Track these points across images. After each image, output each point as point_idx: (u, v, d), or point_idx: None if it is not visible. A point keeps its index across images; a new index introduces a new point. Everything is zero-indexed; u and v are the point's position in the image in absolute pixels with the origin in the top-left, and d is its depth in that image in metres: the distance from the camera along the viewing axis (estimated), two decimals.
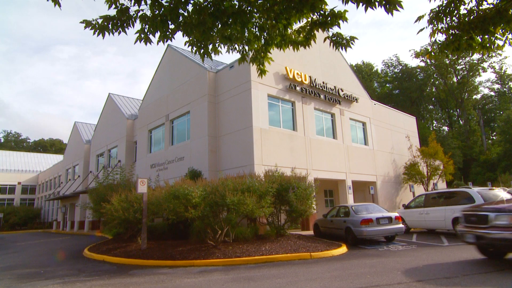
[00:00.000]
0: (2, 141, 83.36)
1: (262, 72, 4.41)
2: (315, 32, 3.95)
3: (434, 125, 58.64)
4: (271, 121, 17.72)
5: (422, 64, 52.66)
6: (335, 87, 21.68)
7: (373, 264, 8.45)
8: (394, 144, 26.67)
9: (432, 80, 54.25)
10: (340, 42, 3.93)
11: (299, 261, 9.67)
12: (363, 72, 57.26)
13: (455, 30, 4.22)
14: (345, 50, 4.00)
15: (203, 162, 18.04)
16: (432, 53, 4.80)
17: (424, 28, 4.07)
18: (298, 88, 19.22)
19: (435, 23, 4.21)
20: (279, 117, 18.43)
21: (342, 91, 22.16)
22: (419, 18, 4.29)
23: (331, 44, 4.02)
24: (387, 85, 57.24)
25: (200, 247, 11.31)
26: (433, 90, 55.85)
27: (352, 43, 3.97)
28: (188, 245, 11.96)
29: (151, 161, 23.11)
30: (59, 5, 3.30)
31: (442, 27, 4.26)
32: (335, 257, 10.06)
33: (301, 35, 4.05)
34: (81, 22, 3.43)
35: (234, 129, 17.54)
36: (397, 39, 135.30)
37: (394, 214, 12.48)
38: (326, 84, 21.03)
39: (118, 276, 8.73)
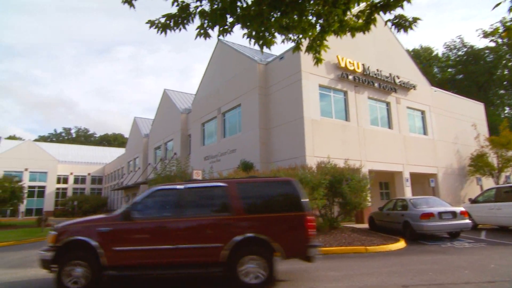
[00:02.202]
0: (74, 136, 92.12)
1: (318, 60, 4.31)
2: (376, 15, 3.75)
3: (506, 111, 52.94)
4: (323, 112, 17.34)
5: (492, 44, 47.59)
6: (390, 74, 20.55)
7: (436, 261, 7.95)
8: (458, 134, 24.63)
9: (504, 61, 48.84)
10: (403, 24, 3.68)
11: (353, 255, 9.43)
12: (422, 57, 53.42)
13: None
14: (407, 33, 3.75)
15: (255, 154, 18.27)
16: None
17: (501, 2, 3.65)
18: (350, 77, 18.53)
19: None
20: (331, 107, 17.97)
21: (398, 78, 20.93)
22: None
23: (392, 27, 3.78)
24: (449, 70, 52.80)
25: None
26: (505, 72, 50.28)
27: (415, 25, 3.69)
28: None
29: (204, 154, 23.96)
30: (133, 6, 3.54)
31: None
32: (392, 252, 9.64)
33: (360, 20, 3.87)
34: (146, 23, 3.64)
35: (285, 120, 17.48)
36: (459, 19, 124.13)
37: (459, 209, 11.59)
38: (380, 71, 20.00)
39: None
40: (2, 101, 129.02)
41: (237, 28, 3.58)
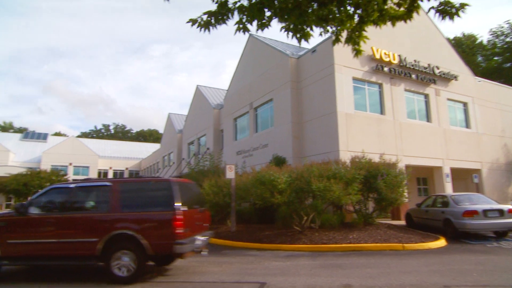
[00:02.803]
0: (112, 132, 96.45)
1: (358, 52, 4.18)
2: (418, 2, 3.55)
3: None
4: (357, 105, 16.89)
5: None
6: (429, 65, 19.57)
7: (480, 262, 7.54)
8: (506, 126, 23.05)
9: None
10: (448, 11, 3.45)
11: (390, 252, 9.17)
12: (464, 46, 50.31)
13: None
14: (453, 20, 3.51)
15: (287, 149, 18.19)
16: None
17: None
18: (386, 69, 17.87)
19: None
20: (365, 100, 17.44)
21: (438, 68, 19.89)
22: None
23: (437, 14, 3.57)
24: (495, 58, 49.35)
25: (286, 232, 11.52)
26: None
27: (462, 11, 3.45)
28: (275, 230, 12.29)
29: (237, 148, 24.20)
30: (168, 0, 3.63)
31: None
32: (432, 250, 9.26)
33: (402, 8, 3.69)
34: (187, 22, 3.72)
35: (318, 114, 17.22)
36: (506, 2, 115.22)
37: (507, 207, 10.89)
38: (418, 62, 19.10)
39: (212, 255, 9.42)
40: (48, 100, 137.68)
41: (275, 22, 3.56)
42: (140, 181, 7.13)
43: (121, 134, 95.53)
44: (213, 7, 3.52)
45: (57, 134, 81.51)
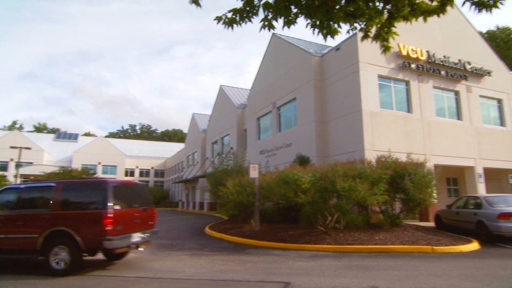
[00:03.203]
0: (138, 132, 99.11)
1: (386, 49, 4.06)
2: None
3: None
4: (382, 104, 16.48)
5: None
6: (459, 60, 18.79)
7: None
8: None
9: None
10: (485, 3, 3.27)
11: (418, 254, 8.88)
12: (498, 40, 47.93)
13: None
14: (491, 12, 3.33)
15: (311, 148, 18.02)
16: None
17: None
18: (413, 66, 17.31)
19: None
20: (391, 98, 16.98)
21: (469, 64, 19.06)
22: None
23: (472, 7, 3.39)
24: None
25: (310, 232, 11.41)
26: None
27: (501, 3, 3.27)
28: (298, 230, 12.20)
29: (260, 148, 24.23)
30: (200, 5, 3.69)
31: None
32: (463, 254, 8.89)
33: (434, 2, 3.53)
34: (214, 19, 3.76)
35: (342, 113, 16.94)
36: None
37: None
38: (448, 58, 18.39)
39: (236, 254, 9.49)
40: (77, 101, 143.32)
41: (301, 18, 3.52)
42: (80, 182, 7.88)
43: (146, 134, 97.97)
44: (238, 5, 3.55)
45: (87, 134, 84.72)
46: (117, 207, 6.99)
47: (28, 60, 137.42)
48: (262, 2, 3.45)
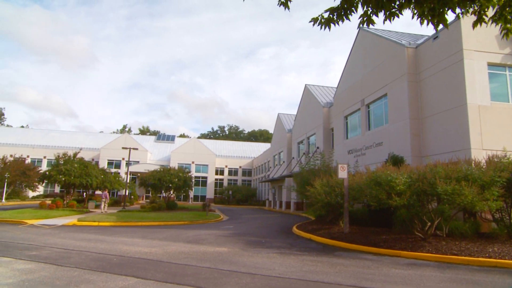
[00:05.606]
0: (227, 133, 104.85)
1: (509, 31, 3.52)
2: None
3: None
4: (494, 95, 14.33)
5: None
6: None
7: None
8: None
9: None
10: None
11: None
12: None
13: None
14: None
15: (405, 147, 16.66)
16: None
17: None
18: None
19: None
20: (507, 89, 14.66)
21: None
22: None
23: None
24: None
25: (406, 238, 10.57)
26: None
27: None
28: (392, 234, 11.42)
29: (347, 147, 23.36)
30: (288, 8, 3.76)
31: None
32: None
33: None
34: (309, 22, 3.78)
35: (442, 109, 15.26)
36: None
37: None
38: None
39: (325, 255, 9.32)
40: (174, 106, 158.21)
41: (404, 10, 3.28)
42: None
43: (234, 134, 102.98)
44: (323, 5, 3.50)
45: (182, 135, 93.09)
46: None
47: (136, 72, 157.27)
48: None
